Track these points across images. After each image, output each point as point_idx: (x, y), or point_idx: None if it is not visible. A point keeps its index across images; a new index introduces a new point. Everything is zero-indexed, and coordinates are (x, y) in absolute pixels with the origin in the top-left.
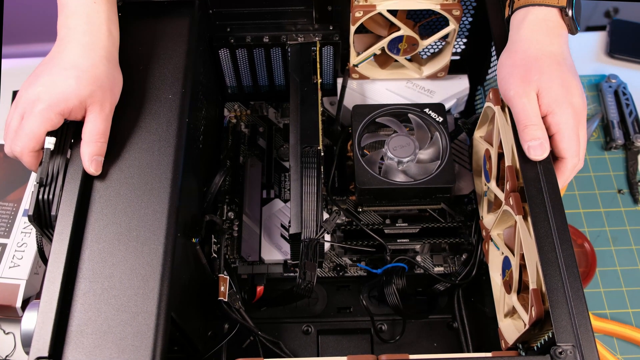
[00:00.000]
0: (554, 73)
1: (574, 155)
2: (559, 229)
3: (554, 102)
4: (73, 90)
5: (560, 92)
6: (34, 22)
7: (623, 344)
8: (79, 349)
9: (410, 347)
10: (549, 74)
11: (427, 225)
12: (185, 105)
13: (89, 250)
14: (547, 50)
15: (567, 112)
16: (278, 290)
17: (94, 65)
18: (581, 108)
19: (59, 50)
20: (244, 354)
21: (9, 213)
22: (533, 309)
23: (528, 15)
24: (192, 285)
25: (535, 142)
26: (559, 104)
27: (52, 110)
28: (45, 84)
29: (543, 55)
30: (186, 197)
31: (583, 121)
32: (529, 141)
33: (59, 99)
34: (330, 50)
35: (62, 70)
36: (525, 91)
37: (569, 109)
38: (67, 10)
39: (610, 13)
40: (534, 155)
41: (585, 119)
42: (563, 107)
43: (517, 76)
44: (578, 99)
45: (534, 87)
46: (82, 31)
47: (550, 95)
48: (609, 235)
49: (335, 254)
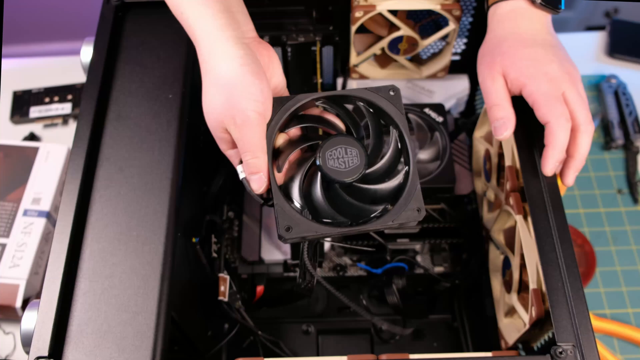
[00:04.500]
0: (517, 50)
1: (558, 117)
2: (559, 229)
3: (522, 76)
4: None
5: (527, 65)
6: (34, 22)
7: (623, 344)
8: (79, 349)
9: (410, 347)
10: (511, 52)
11: (427, 225)
12: (185, 105)
13: (89, 249)
14: (512, 32)
15: (539, 81)
16: (278, 290)
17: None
18: (559, 74)
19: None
20: (244, 353)
21: (9, 213)
22: (533, 308)
23: (497, 10)
24: (192, 285)
25: (498, 123)
26: (528, 76)
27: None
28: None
29: (506, 38)
30: (186, 197)
31: (567, 84)
32: (493, 122)
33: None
34: (330, 50)
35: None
36: (490, 73)
37: (541, 78)
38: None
39: (610, 13)
40: (498, 135)
41: (574, 81)
42: (533, 78)
43: (484, 63)
44: (553, 65)
45: (498, 68)
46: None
47: (516, 71)
48: (609, 235)
49: (335, 254)
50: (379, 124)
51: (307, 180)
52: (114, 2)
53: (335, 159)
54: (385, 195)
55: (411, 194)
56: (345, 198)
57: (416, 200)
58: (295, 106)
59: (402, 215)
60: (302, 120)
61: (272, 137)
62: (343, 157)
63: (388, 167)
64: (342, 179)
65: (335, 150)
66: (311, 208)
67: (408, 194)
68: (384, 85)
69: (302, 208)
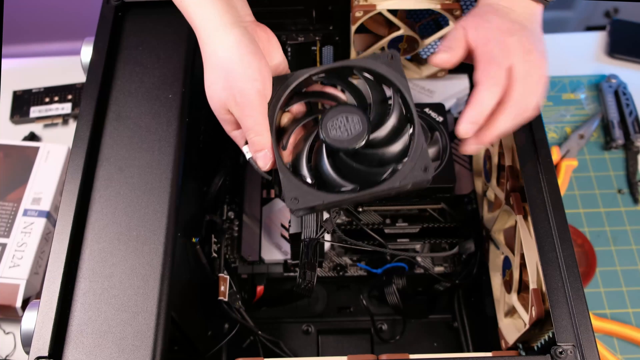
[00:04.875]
0: (489, 16)
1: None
2: (559, 229)
3: (480, 37)
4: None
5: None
6: (34, 22)
7: (623, 343)
8: (79, 349)
9: (410, 347)
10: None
11: (427, 225)
12: (185, 105)
13: (89, 249)
14: (493, 3)
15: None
16: (278, 290)
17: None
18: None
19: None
20: (244, 353)
21: (9, 213)
22: (533, 308)
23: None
24: (192, 285)
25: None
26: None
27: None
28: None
29: (485, 7)
30: (186, 197)
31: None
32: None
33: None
34: (330, 50)
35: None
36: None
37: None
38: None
39: (610, 13)
40: (433, 59)
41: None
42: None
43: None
44: (514, 38)
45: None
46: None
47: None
48: (609, 235)
49: (335, 253)
50: (381, 90)
51: (314, 154)
52: (114, 2)
53: (337, 128)
54: (391, 158)
55: (417, 153)
56: (353, 165)
57: (422, 159)
58: (294, 83)
59: (409, 175)
60: (303, 96)
61: (274, 116)
62: (345, 125)
63: (393, 131)
64: (346, 146)
65: (336, 120)
66: (321, 182)
67: (414, 154)
68: (382, 52)
69: (312, 183)
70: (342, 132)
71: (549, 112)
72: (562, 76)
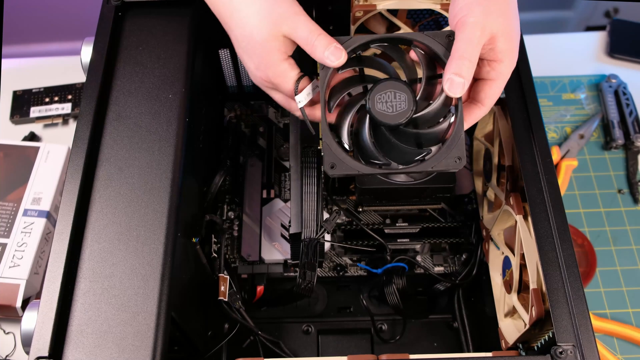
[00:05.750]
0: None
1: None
2: (559, 229)
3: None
4: None
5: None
6: (34, 22)
7: (623, 343)
8: (79, 349)
9: (410, 347)
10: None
11: (427, 225)
12: (185, 105)
13: (89, 249)
14: None
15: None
16: (278, 290)
17: None
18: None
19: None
20: (244, 354)
21: (9, 213)
22: (533, 308)
23: None
24: (192, 285)
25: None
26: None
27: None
28: None
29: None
30: (186, 197)
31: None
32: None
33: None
34: None
35: None
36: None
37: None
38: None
39: (610, 13)
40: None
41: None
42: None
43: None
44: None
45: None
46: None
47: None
48: (609, 235)
49: (335, 253)
50: (433, 69)
51: (356, 122)
52: (114, 2)
53: (384, 102)
54: (429, 140)
55: (454, 141)
56: (391, 140)
57: (458, 149)
58: (353, 46)
59: (443, 162)
60: (356, 62)
61: (326, 76)
62: (392, 101)
63: (436, 113)
64: (388, 122)
65: (384, 94)
66: (358, 148)
67: (451, 142)
68: (441, 31)
69: (349, 147)
70: (387, 106)
71: (549, 112)
72: (562, 76)
